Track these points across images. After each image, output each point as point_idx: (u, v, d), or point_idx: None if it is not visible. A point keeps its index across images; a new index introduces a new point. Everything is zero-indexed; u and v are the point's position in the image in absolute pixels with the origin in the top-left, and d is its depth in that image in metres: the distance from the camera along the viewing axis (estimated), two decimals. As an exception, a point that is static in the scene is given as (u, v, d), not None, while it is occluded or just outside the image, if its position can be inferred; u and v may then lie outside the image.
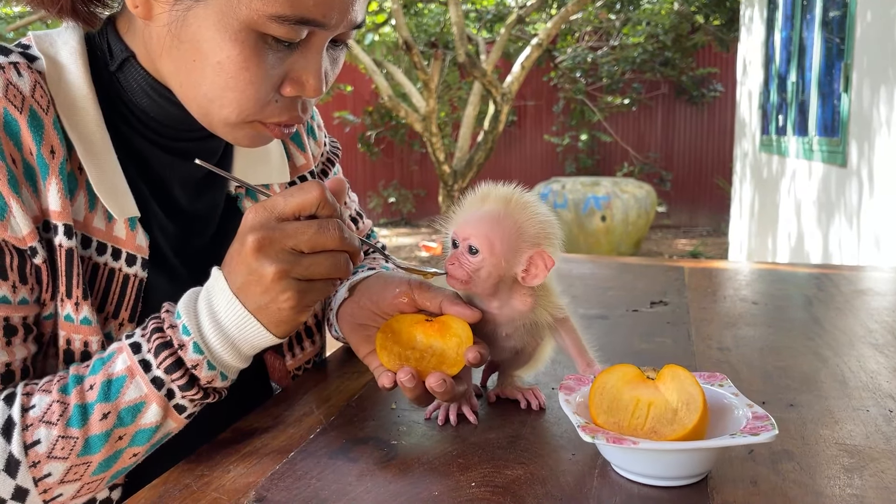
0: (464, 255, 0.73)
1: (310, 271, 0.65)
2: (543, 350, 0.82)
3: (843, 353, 1.00)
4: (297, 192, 0.65)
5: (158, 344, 0.67)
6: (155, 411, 0.67)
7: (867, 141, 3.44)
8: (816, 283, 1.47)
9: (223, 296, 0.67)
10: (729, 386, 0.70)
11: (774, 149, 5.40)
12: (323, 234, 0.65)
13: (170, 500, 0.62)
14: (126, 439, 0.67)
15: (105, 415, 0.66)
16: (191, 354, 0.67)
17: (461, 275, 0.73)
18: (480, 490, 0.62)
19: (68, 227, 0.70)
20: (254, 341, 0.68)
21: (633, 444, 0.60)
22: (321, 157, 1.01)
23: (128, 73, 0.76)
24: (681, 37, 8.89)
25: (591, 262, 1.76)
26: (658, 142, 9.42)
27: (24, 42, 0.75)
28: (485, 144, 6.72)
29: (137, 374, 0.67)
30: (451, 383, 0.71)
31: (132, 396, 0.66)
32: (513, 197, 0.74)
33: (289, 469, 0.67)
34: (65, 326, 0.71)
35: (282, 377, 0.92)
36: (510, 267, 0.72)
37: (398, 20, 6.47)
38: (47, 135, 0.69)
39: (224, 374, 0.69)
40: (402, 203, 9.78)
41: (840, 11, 3.96)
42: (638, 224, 7.17)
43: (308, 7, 0.65)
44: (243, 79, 0.68)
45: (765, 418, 0.63)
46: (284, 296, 0.65)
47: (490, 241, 0.72)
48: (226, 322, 0.67)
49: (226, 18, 0.65)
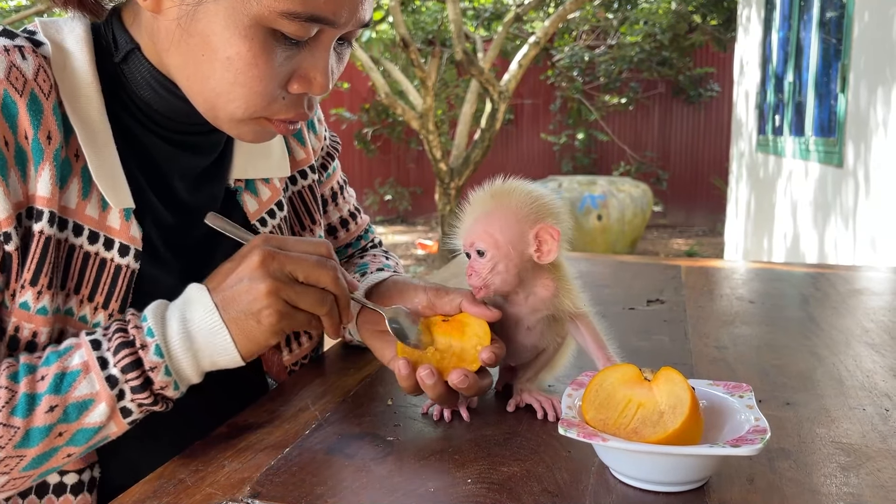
0: (476, 262, 0.74)
1: (297, 297, 0.70)
2: (563, 352, 0.81)
3: (839, 352, 1.00)
4: (306, 242, 0.73)
5: (119, 342, 0.67)
6: (102, 411, 0.66)
7: (864, 141, 3.44)
8: (813, 282, 1.47)
9: (202, 304, 0.69)
10: (749, 398, 0.68)
11: (771, 149, 5.41)
12: (320, 268, 0.70)
13: (164, 496, 0.62)
14: (66, 436, 0.66)
15: (52, 407, 0.65)
16: (151, 356, 0.67)
17: (477, 282, 0.74)
18: (476, 486, 0.62)
19: (53, 215, 0.69)
20: (215, 355, 0.70)
21: (603, 441, 0.60)
22: (321, 151, 1.01)
23: (132, 64, 0.76)
24: (678, 36, 8.89)
25: (587, 260, 1.76)
26: (655, 141, 9.42)
27: (31, 28, 0.75)
28: (482, 142, 6.72)
29: (93, 370, 0.66)
30: (475, 377, 0.72)
31: (83, 392, 0.66)
32: (496, 190, 0.75)
33: (284, 464, 0.67)
34: (17, 313, 0.70)
35: (279, 372, 0.92)
36: (521, 251, 0.73)
37: (396, 17, 6.46)
38: (45, 119, 0.69)
39: (177, 384, 0.69)
40: (398, 201, 9.77)
41: (837, 12, 3.96)
42: (634, 223, 7.17)
43: (319, 5, 0.65)
44: (252, 75, 0.68)
45: (763, 432, 0.61)
46: (268, 311, 0.68)
47: (490, 236, 0.73)
48: (196, 329, 0.69)
49: (236, 14, 0.65)
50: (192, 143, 0.81)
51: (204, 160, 0.83)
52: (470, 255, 0.75)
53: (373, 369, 0.93)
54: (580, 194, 6.96)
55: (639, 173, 9.13)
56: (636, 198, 7.18)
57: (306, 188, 0.96)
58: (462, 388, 0.72)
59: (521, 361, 0.82)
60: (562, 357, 0.82)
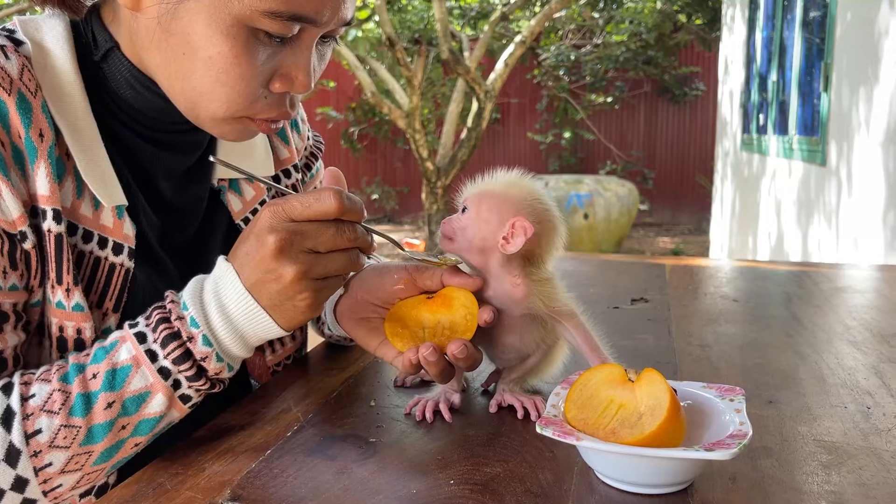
0: (457, 216, 0.77)
1: (326, 269, 0.67)
2: (551, 359, 0.81)
3: (821, 350, 1.01)
4: (314, 202, 0.66)
5: (166, 335, 0.67)
6: (160, 401, 0.67)
7: (846, 140, 3.47)
8: (796, 280, 1.48)
9: (234, 290, 0.67)
10: (740, 401, 0.67)
11: (755, 147, 5.44)
12: (341, 234, 0.67)
13: (143, 499, 0.61)
14: (129, 429, 0.67)
15: (109, 404, 0.66)
16: (200, 347, 0.67)
17: (448, 231, 0.76)
18: (459, 487, 0.62)
19: (57, 212, 0.69)
20: (263, 334, 0.70)
21: (577, 441, 0.60)
22: (304, 152, 1.01)
23: (111, 63, 0.75)
24: (663, 36, 8.93)
25: (572, 259, 1.77)
26: (641, 140, 9.46)
27: (10, 27, 0.74)
28: (468, 141, 6.72)
29: (143, 363, 0.66)
30: (472, 347, 0.72)
31: (137, 386, 0.66)
32: (513, 175, 0.77)
33: (265, 467, 0.66)
34: (56, 313, 0.70)
35: (261, 373, 0.91)
36: (492, 231, 0.73)
37: (382, 16, 6.44)
38: (36, 118, 0.68)
39: (231, 366, 0.70)
40: (385, 200, 9.75)
41: (820, 12, 3.99)
42: (620, 222, 7.20)
43: (301, 3, 0.65)
44: (234, 74, 0.67)
45: (742, 437, 0.60)
46: (302, 295, 0.67)
47: (479, 203, 0.75)
48: (236, 316, 0.68)
49: (218, 13, 0.65)
50: (173, 143, 0.80)
51: (187, 160, 0.83)
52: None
53: (356, 370, 0.92)
54: (566, 193, 6.97)
55: (625, 172, 9.17)
56: (622, 197, 7.21)
57: (290, 188, 0.95)
58: (461, 357, 0.71)
59: (505, 364, 0.81)
60: (549, 364, 0.81)
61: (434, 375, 0.73)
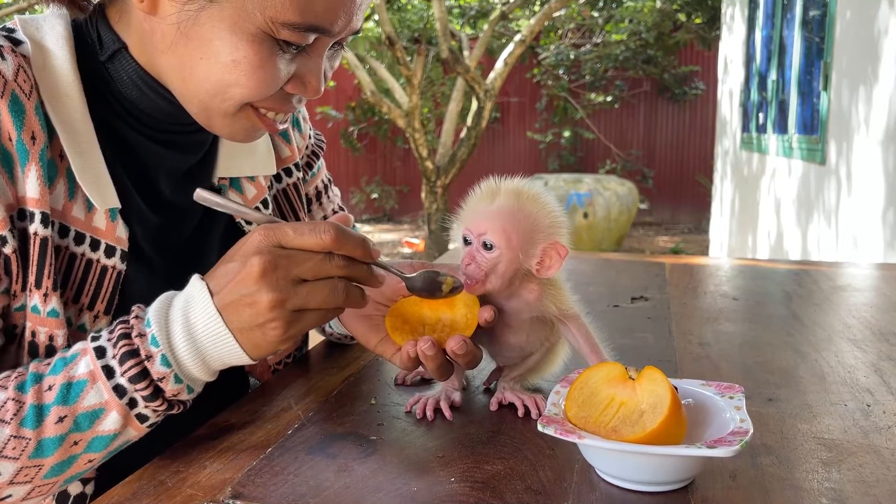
0: (479, 252, 0.72)
1: (305, 301, 0.65)
2: (553, 357, 0.81)
3: (821, 348, 1.01)
4: (308, 231, 0.65)
5: (124, 352, 0.65)
6: (114, 419, 0.65)
7: (846, 139, 3.47)
8: (796, 279, 1.48)
9: (204, 310, 0.66)
10: (739, 398, 0.67)
11: (755, 146, 5.44)
12: (329, 261, 0.66)
13: (144, 497, 0.61)
14: (82, 445, 0.65)
15: (61, 418, 0.64)
16: (158, 367, 0.65)
17: (478, 274, 0.72)
18: (460, 485, 0.62)
19: (45, 216, 0.69)
20: (227, 359, 0.67)
21: (579, 439, 0.60)
22: (306, 150, 1.01)
23: (118, 63, 0.75)
24: (663, 35, 8.93)
25: (572, 257, 1.76)
26: (640, 139, 9.46)
27: (10, 26, 0.74)
28: (468, 141, 6.72)
29: (99, 379, 0.65)
30: (472, 344, 0.72)
31: (91, 402, 0.65)
32: (523, 190, 0.74)
33: (266, 465, 0.66)
34: (31, 318, 0.69)
35: (262, 371, 0.91)
36: (526, 260, 0.72)
37: (381, 15, 6.44)
38: (28, 120, 0.68)
39: (190, 388, 0.68)
40: (384, 199, 9.75)
41: (820, 11, 3.99)
42: (620, 221, 7.20)
43: (317, 15, 0.67)
44: (257, 77, 0.69)
45: (744, 434, 0.60)
46: (273, 324, 0.65)
47: (507, 234, 0.71)
48: (201, 337, 0.66)
49: (241, 22, 0.67)
50: (178, 142, 0.81)
51: (190, 159, 0.83)
52: (470, 242, 0.73)
53: (356, 368, 0.93)
54: (566, 192, 6.97)
55: (624, 171, 9.17)
56: (622, 196, 7.21)
57: (291, 186, 0.95)
58: (460, 353, 0.71)
59: (507, 362, 0.81)
60: (551, 362, 0.81)
61: (432, 371, 0.73)
